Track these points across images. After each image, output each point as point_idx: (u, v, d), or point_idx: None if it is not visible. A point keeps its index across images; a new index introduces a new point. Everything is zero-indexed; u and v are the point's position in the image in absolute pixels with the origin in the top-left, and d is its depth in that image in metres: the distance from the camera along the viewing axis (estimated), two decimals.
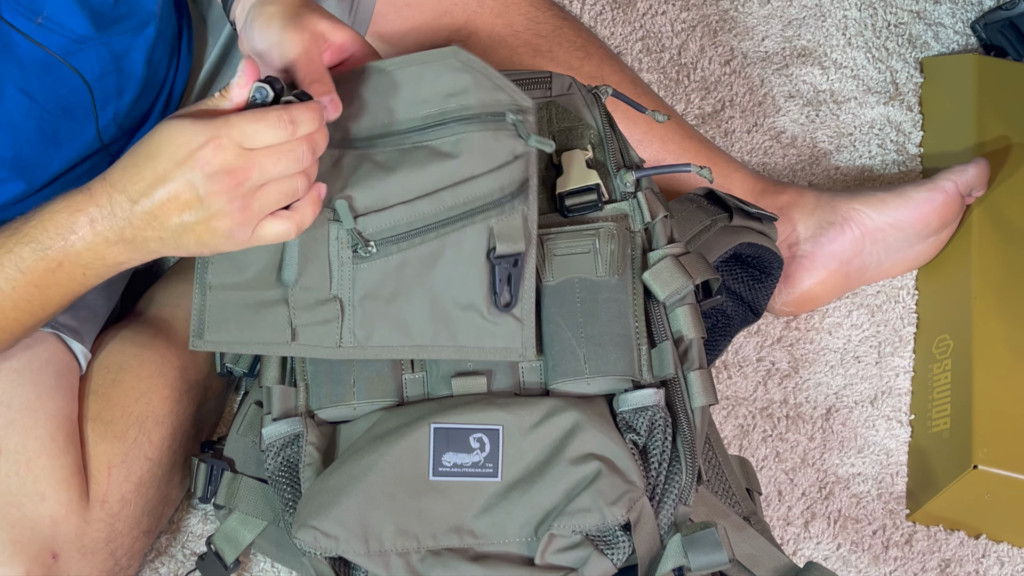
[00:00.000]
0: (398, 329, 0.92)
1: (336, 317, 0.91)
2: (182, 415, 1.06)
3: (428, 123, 0.91)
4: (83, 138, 0.99)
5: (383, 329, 0.92)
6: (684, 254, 0.97)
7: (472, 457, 0.90)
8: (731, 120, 1.36)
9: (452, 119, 0.90)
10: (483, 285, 0.91)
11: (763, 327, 1.24)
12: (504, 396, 0.92)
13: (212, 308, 0.93)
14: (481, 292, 0.91)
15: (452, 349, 0.92)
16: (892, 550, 1.15)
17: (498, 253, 0.90)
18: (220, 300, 0.93)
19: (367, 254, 0.90)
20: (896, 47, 1.41)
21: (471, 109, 0.90)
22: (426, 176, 0.90)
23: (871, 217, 1.20)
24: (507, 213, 0.91)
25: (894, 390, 1.22)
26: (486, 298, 0.91)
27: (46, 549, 0.94)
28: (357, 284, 0.91)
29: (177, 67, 1.08)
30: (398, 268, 0.91)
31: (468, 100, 0.91)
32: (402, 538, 0.89)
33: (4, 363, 0.96)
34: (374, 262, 0.90)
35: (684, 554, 0.89)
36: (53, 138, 0.96)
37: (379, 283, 0.91)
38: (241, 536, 1.00)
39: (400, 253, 0.90)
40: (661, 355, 0.93)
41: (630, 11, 1.42)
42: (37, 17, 0.92)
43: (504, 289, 0.90)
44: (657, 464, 0.91)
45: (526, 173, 0.91)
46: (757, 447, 1.18)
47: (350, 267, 0.90)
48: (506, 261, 0.90)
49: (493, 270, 0.90)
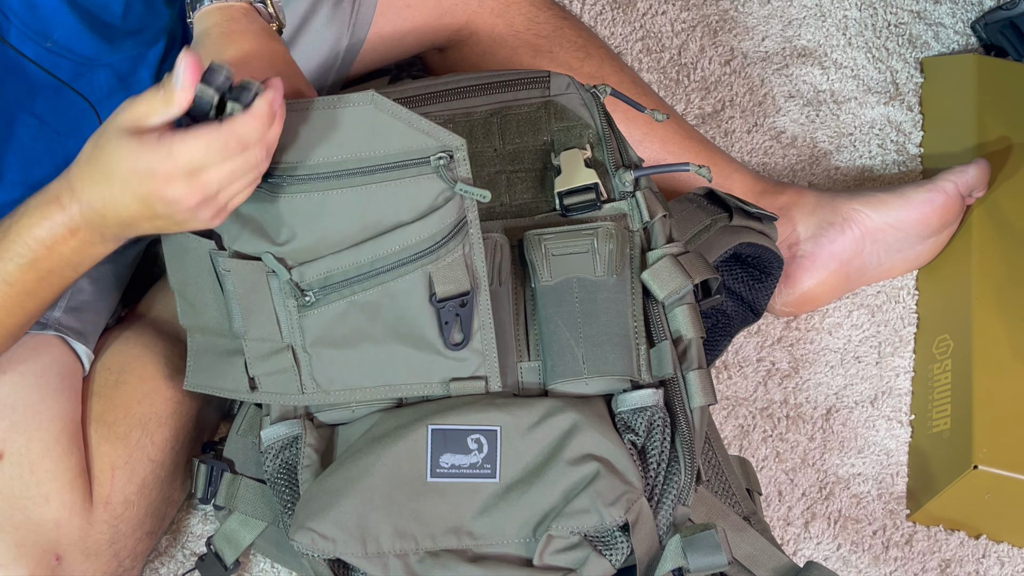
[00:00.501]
0: (359, 371, 0.92)
1: (292, 366, 0.92)
2: (184, 416, 1.06)
3: (347, 169, 0.86)
4: None
5: (343, 373, 0.92)
6: (683, 253, 0.97)
7: (470, 458, 0.90)
8: (731, 120, 1.36)
9: (373, 167, 0.86)
10: (433, 327, 0.90)
11: (763, 327, 1.24)
12: (502, 397, 0.92)
13: (192, 351, 0.98)
14: (433, 332, 0.90)
15: (420, 386, 0.92)
16: (892, 550, 1.14)
17: (439, 297, 0.88)
18: (197, 343, 0.97)
19: (308, 303, 0.90)
20: (896, 47, 1.41)
21: (391, 157, 0.86)
22: (353, 223, 0.87)
23: (871, 217, 1.20)
24: (444, 257, 0.88)
25: (894, 390, 1.21)
26: (439, 338, 0.90)
27: (50, 551, 0.94)
28: (307, 332, 0.91)
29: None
30: (344, 314, 0.90)
31: (388, 147, 0.86)
32: (400, 540, 0.89)
33: (8, 365, 0.96)
34: (319, 309, 0.90)
35: (683, 555, 0.89)
36: (63, 159, 0.97)
37: (329, 329, 0.91)
38: (241, 537, 1.00)
39: (343, 300, 0.90)
40: (660, 355, 0.93)
41: (630, 11, 1.42)
42: (47, 42, 0.93)
43: (453, 330, 0.89)
44: (656, 464, 0.91)
45: (461, 213, 0.88)
46: (757, 447, 1.18)
47: (296, 316, 0.90)
48: (452, 303, 0.89)
49: (438, 313, 0.89)
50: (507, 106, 1.02)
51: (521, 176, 1.00)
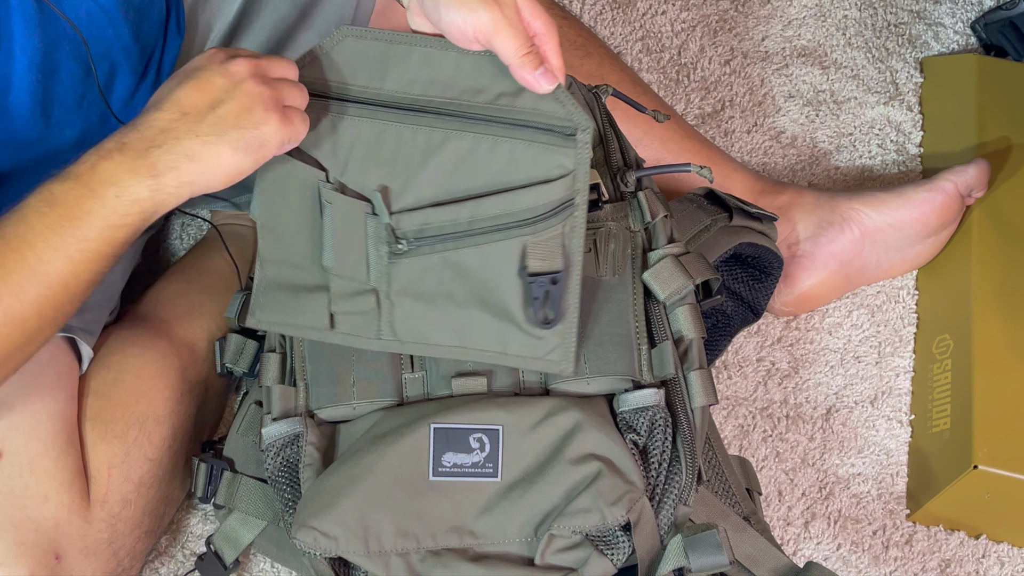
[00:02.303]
0: (437, 328, 0.91)
1: (374, 309, 0.91)
2: (183, 415, 1.06)
3: (477, 112, 0.87)
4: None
5: (421, 326, 0.91)
6: (684, 254, 0.97)
7: (472, 457, 0.90)
8: (731, 120, 1.36)
9: (504, 119, 0.87)
10: (517, 299, 0.88)
11: (763, 327, 1.24)
12: (504, 396, 0.92)
13: (261, 288, 0.94)
14: (516, 305, 0.89)
15: (495, 355, 0.91)
16: (892, 550, 1.15)
17: (530, 271, 0.87)
18: (269, 278, 0.94)
19: (400, 251, 0.89)
20: (896, 47, 1.41)
21: (524, 113, 0.87)
22: (464, 177, 0.88)
23: (871, 217, 1.20)
24: (543, 232, 0.87)
25: (894, 390, 1.22)
26: (523, 312, 0.89)
27: (49, 550, 0.94)
28: (393, 279, 0.90)
29: (164, 46, 1.08)
30: (433, 269, 0.89)
31: (523, 102, 0.86)
32: (402, 538, 0.89)
33: None
34: (410, 259, 0.89)
35: (685, 555, 0.89)
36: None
37: (416, 281, 0.90)
38: (241, 536, 1.00)
39: (435, 254, 0.89)
40: (661, 355, 0.93)
41: (630, 11, 1.42)
42: None
43: (543, 306, 0.88)
44: (657, 464, 0.91)
45: (571, 191, 0.87)
46: (757, 447, 1.18)
47: (386, 261, 0.90)
48: (543, 279, 0.87)
49: (527, 287, 0.88)
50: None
51: None
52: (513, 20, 0.82)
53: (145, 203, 0.81)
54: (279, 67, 0.85)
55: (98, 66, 0.96)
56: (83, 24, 0.93)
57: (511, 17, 0.82)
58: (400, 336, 0.92)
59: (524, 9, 0.83)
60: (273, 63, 0.85)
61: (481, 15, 0.82)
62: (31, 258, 0.80)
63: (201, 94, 0.82)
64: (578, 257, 0.88)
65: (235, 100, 0.81)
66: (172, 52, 1.07)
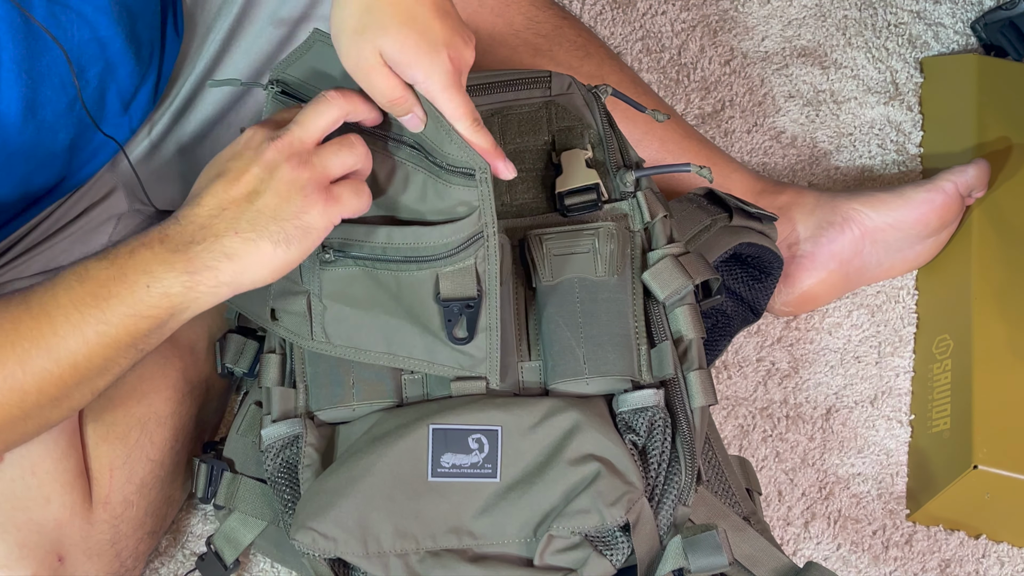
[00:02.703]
0: (368, 334, 0.92)
1: (304, 312, 0.92)
2: (184, 416, 1.06)
3: (404, 137, 0.88)
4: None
5: (353, 332, 0.92)
6: (684, 254, 0.97)
7: (471, 458, 0.90)
8: (731, 120, 1.36)
9: (424, 151, 0.87)
10: (437, 319, 0.89)
11: (763, 327, 1.24)
12: (503, 396, 0.92)
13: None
14: (437, 324, 0.89)
15: (422, 363, 0.91)
16: (892, 550, 1.15)
17: (443, 297, 0.88)
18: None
19: (327, 259, 0.90)
20: (896, 47, 1.41)
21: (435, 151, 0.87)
22: (387, 195, 0.89)
23: (871, 217, 1.20)
24: (455, 262, 0.87)
25: (894, 390, 1.22)
26: (443, 330, 0.89)
27: (52, 552, 0.94)
28: (324, 284, 0.91)
29: (164, 48, 1.08)
30: (360, 279, 0.90)
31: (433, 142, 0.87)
32: (401, 539, 0.89)
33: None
34: (337, 269, 0.90)
35: (684, 556, 0.89)
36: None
37: (345, 287, 0.90)
38: (241, 536, 1.00)
39: (359, 267, 0.89)
40: (660, 355, 0.93)
41: (630, 11, 1.42)
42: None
43: (456, 326, 0.88)
44: (656, 465, 0.91)
45: (479, 225, 0.87)
46: (757, 447, 1.18)
47: (317, 267, 0.90)
48: (456, 303, 0.88)
49: (442, 310, 0.88)
50: (508, 106, 1.02)
51: (522, 176, 1.00)
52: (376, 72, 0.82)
53: (176, 298, 0.80)
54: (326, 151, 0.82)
55: (89, 70, 0.95)
56: (65, 32, 0.92)
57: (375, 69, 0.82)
58: (332, 339, 0.93)
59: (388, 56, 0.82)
60: (308, 130, 0.82)
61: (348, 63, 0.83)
62: (46, 329, 0.79)
63: (238, 187, 0.80)
64: (494, 281, 0.88)
65: (272, 191, 0.79)
66: (172, 53, 1.07)
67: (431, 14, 0.81)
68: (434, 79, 0.82)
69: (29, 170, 0.95)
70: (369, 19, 0.81)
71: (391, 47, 0.81)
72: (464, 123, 0.84)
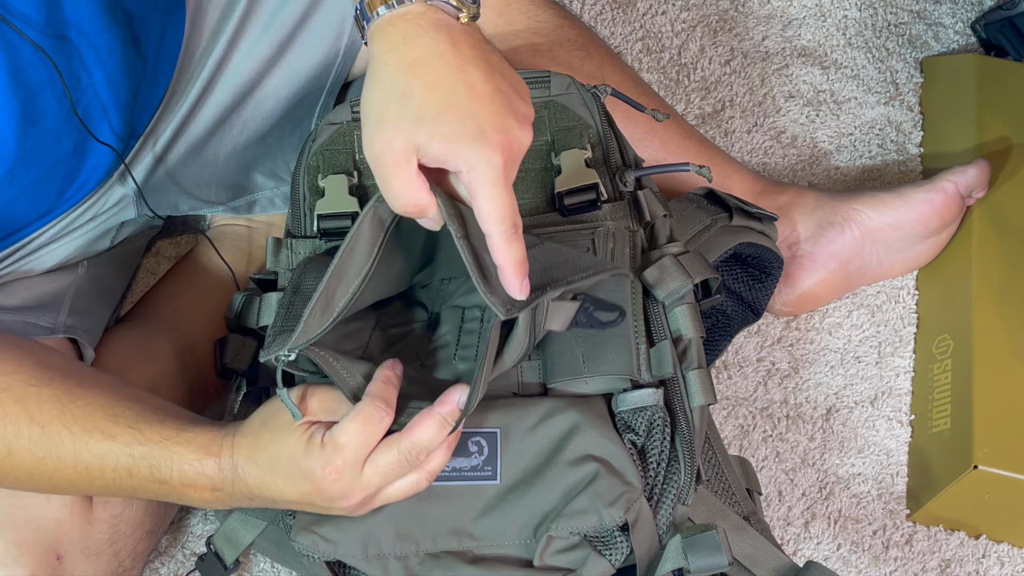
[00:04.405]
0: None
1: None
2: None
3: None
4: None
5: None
6: (683, 253, 0.97)
7: (471, 461, 0.89)
8: (731, 120, 1.36)
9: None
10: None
11: (763, 327, 1.24)
12: (503, 396, 0.92)
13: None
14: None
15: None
16: (892, 550, 1.14)
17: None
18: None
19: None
20: (896, 47, 1.41)
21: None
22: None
23: (871, 217, 1.20)
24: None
25: (894, 390, 1.22)
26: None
27: (51, 551, 0.94)
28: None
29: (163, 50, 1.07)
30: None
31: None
32: (401, 542, 0.89)
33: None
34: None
35: (684, 556, 0.89)
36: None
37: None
38: (241, 536, 1.00)
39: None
40: (660, 354, 0.93)
41: (630, 11, 1.42)
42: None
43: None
44: (655, 464, 0.91)
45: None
46: (757, 447, 1.18)
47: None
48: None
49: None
50: None
51: (521, 176, 1.00)
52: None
53: (209, 503, 0.88)
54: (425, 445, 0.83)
55: (83, 77, 0.95)
56: (58, 43, 0.92)
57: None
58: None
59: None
60: (359, 453, 0.82)
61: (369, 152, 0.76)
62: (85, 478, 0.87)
63: (293, 501, 0.84)
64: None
65: (322, 506, 0.83)
66: (172, 55, 1.07)
67: (476, 93, 0.73)
68: (475, 172, 0.73)
69: (36, 176, 0.95)
70: (402, 110, 0.73)
71: (426, 141, 0.72)
72: (499, 227, 0.74)
